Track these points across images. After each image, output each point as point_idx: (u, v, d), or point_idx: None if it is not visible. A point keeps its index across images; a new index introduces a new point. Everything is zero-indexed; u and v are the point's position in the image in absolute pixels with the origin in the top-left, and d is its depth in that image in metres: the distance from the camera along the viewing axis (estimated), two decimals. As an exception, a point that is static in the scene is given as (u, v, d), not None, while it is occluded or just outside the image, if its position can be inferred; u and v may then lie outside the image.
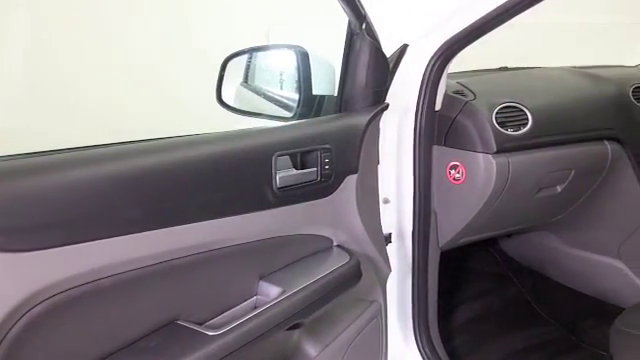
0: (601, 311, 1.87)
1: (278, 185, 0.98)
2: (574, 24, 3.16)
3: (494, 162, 1.35)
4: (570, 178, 1.53)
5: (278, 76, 1.38)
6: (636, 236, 1.75)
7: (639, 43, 2.46)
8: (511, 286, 2.13)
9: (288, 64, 1.27)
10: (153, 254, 0.82)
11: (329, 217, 1.13)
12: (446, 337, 1.71)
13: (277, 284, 1.00)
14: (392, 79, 1.28)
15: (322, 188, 1.09)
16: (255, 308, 0.96)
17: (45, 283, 0.71)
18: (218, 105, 1.32)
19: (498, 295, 2.09)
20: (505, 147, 1.36)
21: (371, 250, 1.25)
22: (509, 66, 1.91)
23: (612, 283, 1.85)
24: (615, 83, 1.71)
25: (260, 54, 1.40)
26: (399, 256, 1.41)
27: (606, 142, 1.58)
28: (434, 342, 1.48)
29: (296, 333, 1.10)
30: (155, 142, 0.90)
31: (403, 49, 1.29)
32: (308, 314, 1.01)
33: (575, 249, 1.93)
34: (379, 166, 1.28)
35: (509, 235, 2.13)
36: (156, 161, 0.84)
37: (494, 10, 1.16)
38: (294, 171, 1.02)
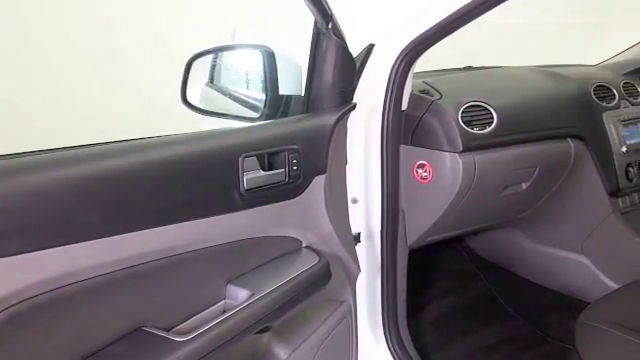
0: (566, 306, 1.91)
1: (245, 187, 0.97)
2: (536, 24, 3.22)
3: (460, 161, 1.36)
4: (535, 176, 1.55)
5: (244, 76, 1.37)
6: (599, 232, 1.79)
7: (599, 42, 2.51)
8: (479, 283, 2.15)
9: (254, 64, 1.25)
10: (117, 260, 0.80)
11: (297, 218, 1.12)
12: (416, 335, 1.71)
13: (246, 287, 0.99)
14: (359, 79, 1.28)
15: (290, 189, 1.08)
16: (224, 312, 0.95)
17: (3, 293, 0.68)
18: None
19: (466, 292, 2.12)
20: (471, 146, 1.37)
21: (340, 250, 1.24)
22: (474, 65, 1.94)
23: (576, 278, 1.88)
24: (577, 82, 1.74)
25: (226, 54, 1.39)
26: (368, 256, 1.41)
27: (569, 140, 1.61)
28: (404, 340, 1.49)
29: (266, 336, 1.09)
30: (115, 144, 0.88)
31: (369, 49, 1.29)
32: (277, 317, 1.00)
33: (540, 245, 1.97)
34: (347, 166, 1.28)
35: (476, 233, 2.15)
36: (117, 164, 0.82)
37: (459, 10, 1.17)
38: (261, 172, 1.01)
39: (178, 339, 0.84)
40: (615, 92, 1.80)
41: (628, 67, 2.00)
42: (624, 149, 1.75)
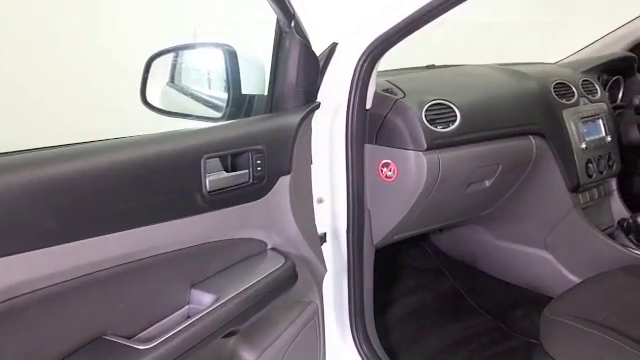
0: (530, 301, 1.94)
1: (208, 189, 0.95)
2: (497, 23, 3.27)
3: (425, 159, 1.36)
4: (498, 173, 1.57)
5: (206, 75, 1.35)
6: (561, 227, 1.82)
7: (558, 41, 2.56)
8: (444, 280, 2.17)
9: (216, 63, 1.23)
10: (74, 267, 0.78)
11: (262, 220, 1.11)
12: (383, 333, 1.72)
13: (210, 291, 0.97)
14: (323, 78, 1.27)
15: (254, 190, 1.06)
16: (188, 318, 0.93)
17: None
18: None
19: (432, 289, 2.13)
20: (435, 144, 1.38)
21: (306, 251, 1.23)
22: (436, 64, 1.95)
23: (540, 273, 1.91)
24: (537, 80, 1.76)
25: (186, 53, 1.36)
26: (334, 255, 1.40)
27: (531, 137, 1.63)
28: (371, 339, 1.49)
29: (232, 340, 1.07)
30: (70, 147, 0.85)
31: (333, 47, 1.28)
32: (243, 321, 0.98)
33: (504, 241, 1.99)
34: (312, 166, 1.27)
35: (441, 230, 2.17)
36: (73, 168, 0.79)
37: (421, 8, 1.17)
38: (224, 174, 0.99)
39: (140, 347, 0.81)
40: (574, 90, 1.84)
41: (586, 65, 2.04)
42: (583, 145, 1.78)
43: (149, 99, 1.27)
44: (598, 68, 2.06)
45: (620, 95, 2.18)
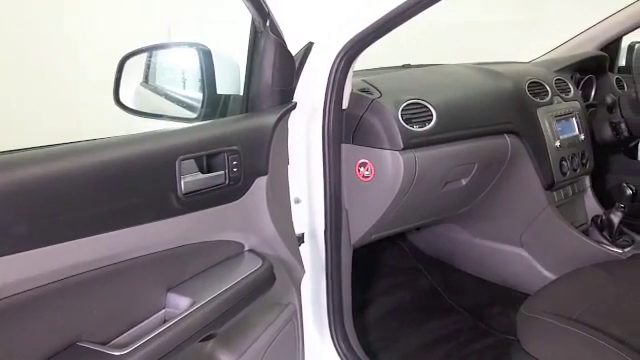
0: (507, 298, 1.95)
1: (183, 191, 0.94)
2: (471, 22, 3.29)
3: (401, 158, 1.36)
4: (474, 171, 1.57)
5: (180, 75, 1.34)
6: (536, 225, 1.84)
7: (531, 40, 2.59)
8: (422, 278, 2.18)
9: (190, 62, 1.22)
10: (46, 273, 0.76)
11: (239, 221, 1.10)
12: (362, 332, 1.72)
13: (187, 295, 0.96)
14: (299, 78, 1.26)
15: (231, 192, 1.05)
16: (164, 322, 0.91)
17: None
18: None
19: (410, 288, 2.14)
20: (411, 143, 1.38)
21: (284, 252, 1.22)
22: (412, 64, 1.95)
23: (516, 271, 1.93)
24: (512, 79, 1.78)
25: (160, 52, 1.35)
26: (312, 256, 1.40)
27: (506, 136, 1.64)
28: (350, 339, 1.49)
29: (209, 344, 1.05)
30: (42, 149, 0.82)
31: (309, 47, 1.28)
32: (221, 324, 0.97)
33: (480, 239, 2.01)
34: (289, 166, 1.26)
35: (418, 229, 2.17)
36: (44, 170, 0.77)
37: (396, 8, 1.17)
38: (200, 175, 0.98)
39: (116, 353, 0.80)
40: (548, 88, 1.86)
41: (559, 64, 2.07)
42: (558, 144, 1.80)
43: (122, 99, 1.25)
44: (571, 67, 2.09)
45: (592, 94, 2.22)
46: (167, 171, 0.92)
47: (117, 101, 1.25)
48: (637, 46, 2.00)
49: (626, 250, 1.74)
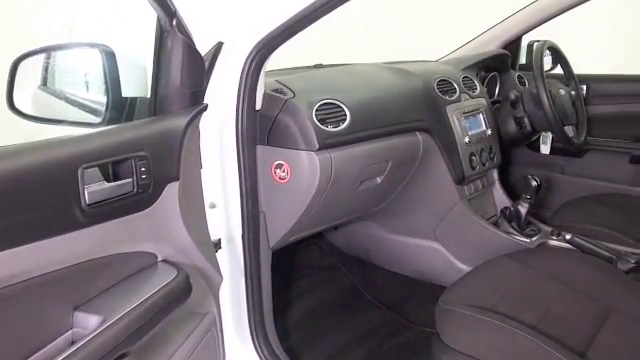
0: (425, 291, 2.00)
1: (87, 201, 0.88)
2: (382, 22, 3.36)
3: (317, 159, 1.36)
4: (388, 169, 1.59)
5: (82, 78, 1.26)
6: (448, 218, 1.89)
7: (437, 39, 2.66)
8: (341, 277, 2.19)
9: (93, 64, 1.15)
10: None
11: (150, 231, 1.04)
12: (284, 335, 1.70)
13: (96, 312, 0.90)
14: (209, 78, 1.22)
15: (140, 200, 1.00)
16: (72, 344, 0.85)
17: None
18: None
19: (330, 287, 2.14)
20: (327, 143, 1.38)
21: (200, 260, 1.18)
22: (324, 63, 1.95)
23: (432, 264, 1.98)
24: (421, 77, 1.82)
25: (59, 54, 1.27)
26: (230, 261, 1.37)
27: (417, 133, 1.68)
28: (271, 342, 1.47)
29: (124, 362, 1.00)
30: None
31: (218, 47, 1.24)
32: (135, 341, 0.92)
33: (396, 235, 2.04)
34: (202, 170, 1.22)
35: (336, 227, 2.18)
36: None
37: (306, 8, 1.16)
38: (106, 184, 0.92)
39: None
40: (456, 86, 1.91)
41: (465, 62, 2.14)
42: (466, 139, 1.86)
43: (17, 104, 1.16)
44: (476, 65, 2.17)
45: (497, 90, 2.31)
46: (68, 181, 0.86)
47: (11, 106, 1.16)
48: (535, 45, 2.10)
49: (533, 239, 1.81)
